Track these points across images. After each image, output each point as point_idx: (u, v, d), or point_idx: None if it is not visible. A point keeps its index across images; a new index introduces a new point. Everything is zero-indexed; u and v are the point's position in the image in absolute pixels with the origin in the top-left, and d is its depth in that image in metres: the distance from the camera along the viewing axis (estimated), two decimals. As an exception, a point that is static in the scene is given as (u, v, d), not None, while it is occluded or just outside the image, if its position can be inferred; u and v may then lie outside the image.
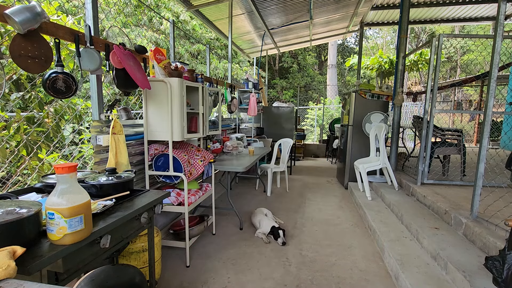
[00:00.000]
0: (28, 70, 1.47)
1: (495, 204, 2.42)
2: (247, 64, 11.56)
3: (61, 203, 0.95)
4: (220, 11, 4.90)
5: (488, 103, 2.23)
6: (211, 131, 3.11)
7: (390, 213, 3.34)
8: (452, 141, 3.95)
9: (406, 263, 2.21)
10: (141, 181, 2.47)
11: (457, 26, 16.16)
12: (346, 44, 19.59)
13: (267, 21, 5.83)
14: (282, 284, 2.16)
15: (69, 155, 2.83)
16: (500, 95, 7.89)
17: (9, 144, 2.08)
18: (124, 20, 7.18)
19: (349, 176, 4.84)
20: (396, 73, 4.38)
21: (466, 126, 10.44)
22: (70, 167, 0.97)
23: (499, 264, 1.49)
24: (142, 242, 1.87)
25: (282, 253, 2.62)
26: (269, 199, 4.28)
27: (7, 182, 2.23)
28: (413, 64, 9.26)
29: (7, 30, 2.01)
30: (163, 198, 1.62)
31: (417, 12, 6.67)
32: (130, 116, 2.27)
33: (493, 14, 6.54)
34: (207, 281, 2.18)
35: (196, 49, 8.72)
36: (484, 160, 2.27)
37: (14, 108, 2.25)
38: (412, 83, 18.08)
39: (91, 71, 1.82)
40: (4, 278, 0.73)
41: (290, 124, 6.50)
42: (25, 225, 0.93)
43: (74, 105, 2.64)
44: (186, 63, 2.74)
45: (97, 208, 1.24)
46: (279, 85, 16.47)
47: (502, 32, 2.19)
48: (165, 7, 8.19)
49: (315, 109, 11.48)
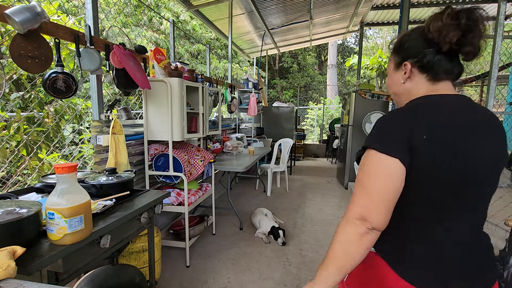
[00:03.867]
0: (28, 70, 1.46)
1: (495, 204, 2.42)
2: (247, 64, 11.56)
3: (61, 203, 0.95)
4: (220, 11, 4.90)
5: (488, 103, 2.23)
6: (211, 131, 3.11)
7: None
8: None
9: (406, 263, 2.21)
10: (141, 181, 2.47)
11: (457, 26, 16.15)
12: (346, 44, 19.58)
13: (267, 21, 5.83)
14: (282, 284, 2.16)
15: (69, 155, 2.83)
16: (500, 95, 7.89)
17: (9, 144, 2.08)
18: (124, 20, 7.19)
19: (349, 176, 4.84)
20: (396, 73, 4.38)
21: (466, 126, 10.42)
22: (70, 167, 0.97)
23: (499, 264, 1.49)
24: (142, 242, 1.87)
25: (282, 253, 2.62)
26: (269, 199, 4.28)
27: (7, 182, 2.23)
28: (413, 64, 9.25)
29: (7, 30, 2.01)
30: (163, 198, 1.62)
31: (417, 12, 6.67)
32: (130, 116, 2.27)
33: (493, 14, 6.54)
34: (207, 281, 2.18)
35: (196, 49, 8.72)
36: (484, 160, 2.27)
37: (14, 108, 2.25)
38: (412, 83, 18.06)
39: (91, 71, 1.81)
40: (4, 278, 0.73)
41: (290, 124, 6.50)
42: (25, 225, 0.93)
43: (74, 105, 2.64)
44: (186, 63, 2.74)
45: (97, 208, 1.24)
46: (279, 85, 16.47)
47: (502, 32, 2.19)
48: (165, 7, 8.20)
49: (315, 109, 11.48)
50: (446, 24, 0.72)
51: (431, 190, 0.72)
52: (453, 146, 0.70)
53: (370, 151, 0.74)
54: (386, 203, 0.71)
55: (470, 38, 0.72)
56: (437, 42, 0.74)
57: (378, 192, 0.71)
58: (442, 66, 0.77)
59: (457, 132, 0.70)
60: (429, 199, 0.73)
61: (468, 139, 0.71)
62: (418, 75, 0.81)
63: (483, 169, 0.73)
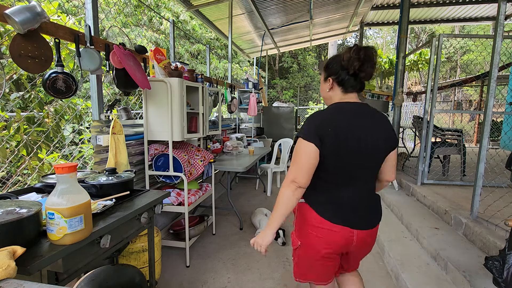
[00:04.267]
0: (28, 70, 1.46)
1: (495, 204, 2.42)
2: (247, 64, 11.56)
3: (61, 203, 0.94)
4: (220, 11, 4.90)
5: (488, 103, 2.23)
6: (211, 131, 3.11)
7: (390, 213, 3.34)
8: (452, 141, 3.95)
9: (406, 263, 2.21)
10: (141, 181, 2.47)
11: (457, 26, 16.17)
12: (346, 44, 19.58)
13: (267, 21, 5.83)
14: (282, 284, 2.16)
15: (69, 155, 2.83)
16: (500, 95, 7.88)
17: (9, 144, 2.08)
18: (124, 20, 7.19)
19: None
20: (396, 73, 4.38)
21: (466, 126, 10.44)
22: (70, 167, 0.97)
23: (499, 264, 1.49)
24: (142, 242, 1.87)
25: (282, 253, 2.62)
26: (269, 199, 4.28)
27: (7, 182, 2.23)
28: (413, 64, 9.26)
29: (7, 30, 2.01)
30: (163, 198, 1.62)
31: (417, 12, 6.67)
32: (130, 116, 2.27)
33: (493, 14, 6.54)
34: (207, 281, 2.18)
35: (196, 49, 8.72)
36: (484, 160, 2.27)
37: (14, 108, 2.25)
38: (412, 83, 18.08)
39: (91, 71, 1.81)
40: (4, 278, 0.73)
41: (290, 124, 6.50)
42: (25, 225, 0.93)
43: (74, 105, 2.64)
44: (186, 63, 2.74)
45: (97, 208, 1.24)
46: (279, 85, 16.47)
47: (502, 32, 2.19)
48: (165, 7, 8.20)
49: (315, 109, 11.48)
50: (352, 57, 1.12)
51: (335, 163, 1.14)
52: (348, 134, 1.11)
53: (299, 139, 1.14)
54: (307, 171, 1.12)
55: (365, 67, 1.13)
56: (347, 68, 1.15)
57: (302, 164, 1.12)
58: (350, 83, 1.18)
59: (352, 125, 1.13)
60: (334, 168, 1.15)
61: (360, 130, 1.13)
62: (336, 87, 1.22)
63: (370, 150, 1.15)
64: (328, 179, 1.18)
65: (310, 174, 1.12)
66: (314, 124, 1.13)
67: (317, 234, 1.20)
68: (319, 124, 1.12)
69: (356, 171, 1.17)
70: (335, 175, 1.17)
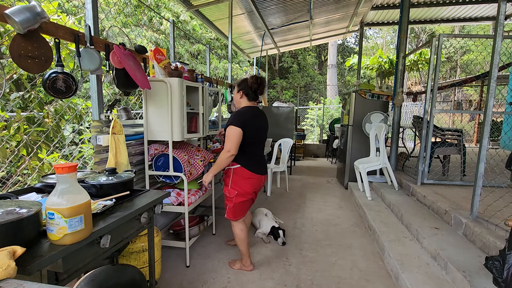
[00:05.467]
0: (28, 70, 1.46)
1: (495, 204, 2.43)
2: (247, 64, 11.57)
3: (61, 203, 0.94)
4: (220, 11, 4.90)
5: (488, 103, 2.23)
6: (211, 131, 3.11)
7: (390, 213, 3.34)
8: (452, 141, 3.95)
9: (406, 263, 2.21)
10: (141, 181, 2.47)
11: (457, 26, 16.16)
12: (346, 44, 19.58)
13: (267, 21, 5.83)
14: (282, 284, 2.16)
15: (69, 155, 2.83)
16: (500, 95, 7.89)
17: (9, 144, 2.08)
18: (124, 20, 7.19)
19: (349, 176, 4.84)
20: (396, 73, 4.38)
21: (466, 126, 10.45)
22: (70, 167, 0.97)
23: (499, 264, 1.49)
24: (142, 242, 1.87)
25: (282, 253, 2.62)
26: (269, 199, 4.28)
27: (7, 182, 2.23)
28: (413, 64, 9.25)
29: (7, 30, 2.01)
30: (163, 198, 1.62)
31: (417, 12, 6.67)
32: (130, 116, 2.27)
33: (493, 14, 6.54)
34: (207, 281, 2.18)
35: (196, 49, 8.72)
36: (484, 160, 2.27)
37: (14, 108, 2.25)
38: (412, 83, 18.08)
39: (91, 71, 1.81)
40: (4, 278, 0.73)
41: (290, 124, 6.50)
42: (25, 225, 0.93)
43: (74, 105, 2.64)
44: (186, 63, 2.74)
45: (97, 208, 1.24)
46: (279, 85, 16.47)
47: (502, 32, 2.19)
48: (165, 7, 8.20)
49: (315, 109, 11.48)
50: (253, 81, 2.11)
51: (250, 139, 2.08)
52: (254, 125, 2.11)
53: (231, 126, 2.01)
54: (236, 145, 2.01)
55: (260, 88, 2.14)
56: (250, 87, 2.12)
57: (234, 141, 2.00)
58: (252, 96, 2.17)
59: (255, 119, 2.13)
60: (250, 142, 2.10)
61: (258, 121, 2.16)
62: (244, 97, 2.17)
63: (262, 134, 2.23)
64: (248, 148, 2.10)
65: (238, 145, 2.02)
66: (242, 117, 2.04)
67: (249, 182, 2.14)
68: (242, 118, 2.05)
69: (260, 144, 2.22)
70: (252, 146, 2.13)
